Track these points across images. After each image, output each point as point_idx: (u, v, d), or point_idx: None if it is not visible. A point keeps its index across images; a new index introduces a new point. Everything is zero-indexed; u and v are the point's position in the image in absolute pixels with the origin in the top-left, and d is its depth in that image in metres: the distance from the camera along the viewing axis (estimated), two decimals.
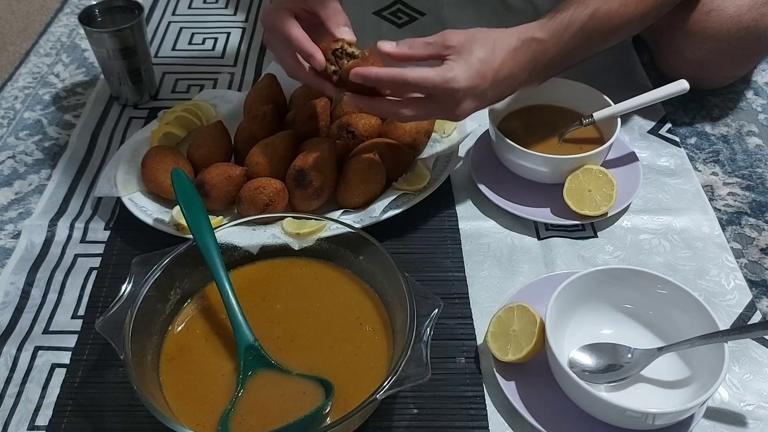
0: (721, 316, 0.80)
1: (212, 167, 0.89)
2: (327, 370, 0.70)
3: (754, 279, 0.85)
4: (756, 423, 0.71)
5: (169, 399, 0.68)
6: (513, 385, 0.72)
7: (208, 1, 1.37)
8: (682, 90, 0.92)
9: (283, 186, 0.87)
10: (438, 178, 0.91)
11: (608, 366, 0.72)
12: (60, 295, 0.84)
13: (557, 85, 1.00)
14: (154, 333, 0.72)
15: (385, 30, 1.27)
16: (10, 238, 0.91)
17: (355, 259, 0.78)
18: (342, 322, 0.74)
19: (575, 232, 0.90)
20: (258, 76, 1.17)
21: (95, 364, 0.77)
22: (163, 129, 0.97)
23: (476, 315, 0.81)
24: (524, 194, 0.92)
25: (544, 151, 0.89)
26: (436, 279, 0.84)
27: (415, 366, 0.64)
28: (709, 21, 0.97)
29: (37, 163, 1.03)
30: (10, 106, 1.13)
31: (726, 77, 1.09)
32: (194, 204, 0.75)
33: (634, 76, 1.15)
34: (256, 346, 0.70)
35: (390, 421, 0.71)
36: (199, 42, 1.25)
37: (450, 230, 0.90)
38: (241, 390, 0.68)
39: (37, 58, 1.24)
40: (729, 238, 0.90)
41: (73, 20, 1.33)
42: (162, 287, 0.73)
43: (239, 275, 0.79)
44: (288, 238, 0.81)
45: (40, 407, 0.74)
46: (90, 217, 0.93)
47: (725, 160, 1.01)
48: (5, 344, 0.79)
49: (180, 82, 1.16)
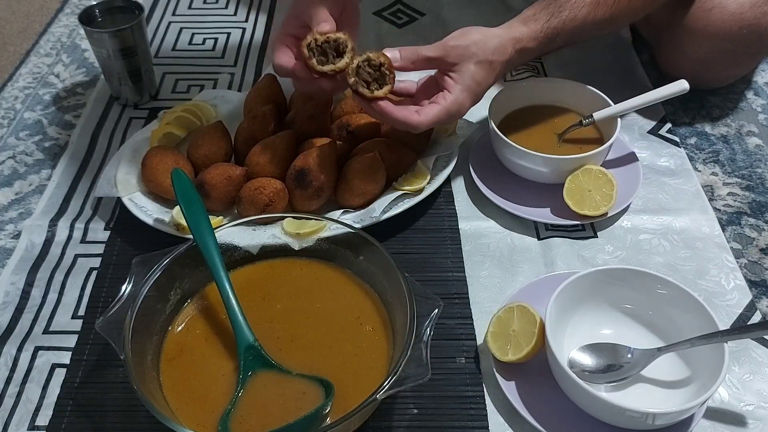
0: (721, 316, 0.80)
1: (212, 167, 0.89)
2: (327, 370, 0.70)
3: (754, 279, 0.85)
4: (756, 423, 0.71)
5: (169, 399, 0.68)
6: (513, 385, 0.72)
7: (208, 1, 1.37)
8: (682, 90, 0.92)
9: (283, 186, 0.87)
10: (438, 178, 0.91)
11: (608, 366, 0.72)
12: (60, 295, 0.84)
13: (557, 85, 1.00)
14: (154, 333, 0.72)
15: (385, 30, 1.27)
16: (10, 238, 0.92)
17: (355, 259, 0.78)
18: (342, 322, 0.75)
19: (575, 232, 0.90)
20: (258, 76, 1.17)
21: (95, 364, 0.77)
22: (163, 129, 0.97)
23: (476, 315, 0.81)
24: (524, 194, 0.92)
25: (544, 151, 0.89)
26: (436, 279, 0.84)
27: (415, 366, 0.64)
28: (710, 18, 0.97)
29: (38, 163, 1.03)
30: (10, 107, 1.13)
31: (727, 76, 1.09)
32: (194, 204, 0.75)
33: (634, 76, 1.15)
34: (256, 346, 0.70)
35: (390, 421, 0.71)
36: (199, 42, 1.25)
37: (450, 230, 0.90)
38: (241, 390, 0.68)
39: (37, 59, 1.24)
40: (729, 238, 0.90)
41: (73, 20, 1.33)
42: (162, 287, 0.73)
43: (239, 275, 0.79)
44: (288, 238, 0.81)
45: (40, 407, 0.74)
46: (90, 218, 0.93)
47: (725, 160, 1.01)
48: (5, 344, 0.79)
49: (180, 83, 1.16)
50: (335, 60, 0.83)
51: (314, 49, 0.83)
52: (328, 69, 0.82)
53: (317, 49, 0.83)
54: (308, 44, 0.83)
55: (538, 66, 1.16)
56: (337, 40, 0.83)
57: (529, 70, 1.15)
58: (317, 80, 0.85)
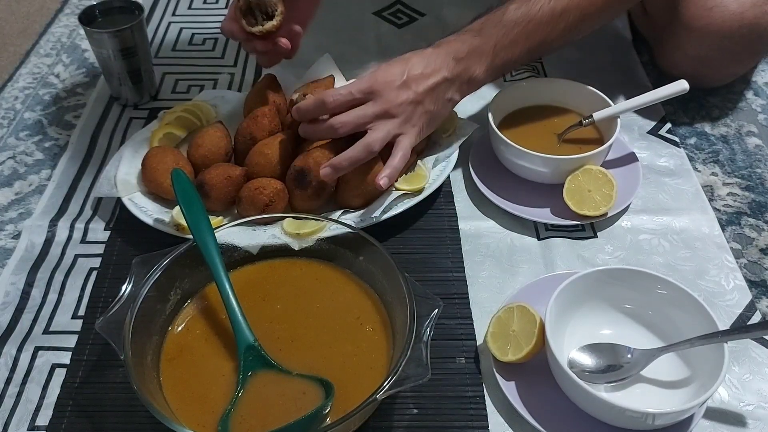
0: (721, 317, 0.80)
1: (212, 167, 0.89)
2: (327, 370, 0.69)
3: (754, 279, 0.85)
4: (756, 423, 0.71)
5: (169, 399, 0.68)
6: (513, 385, 0.72)
7: (208, 1, 1.37)
8: (682, 90, 0.92)
9: (283, 186, 0.87)
10: (438, 178, 0.91)
11: (608, 366, 0.72)
12: (60, 295, 0.84)
13: (557, 85, 1.00)
14: (154, 333, 0.72)
15: (385, 30, 1.27)
16: (10, 238, 0.92)
17: (355, 259, 0.78)
18: (342, 322, 0.75)
19: (575, 233, 0.90)
20: (258, 76, 1.17)
21: (95, 365, 0.77)
22: (163, 129, 0.97)
23: (476, 315, 0.81)
24: (524, 194, 0.92)
25: (544, 151, 0.89)
26: (436, 279, 0.84)
27: (415, 366, 0.64)
28: (711, 17, 0.97)
29: (38, 163, 1.03)
30: (10, 107, 1.13)
31: (727, 74, 1.09)
32: (194, 204, 0.75)
33: (634, 76, 1.15)
34: (256, 347, 0.70)
35: (390, 421, 0.71)
36: (199, 42, 1.25)
37: (450, 230, 0.90)
38: (241, 390, 0.68)
39: (37, 59, 1.24)
40: (729, 239, 0.90)
41: (73, 21, 1.33)
42: (162, 287, 0.73)
43: (239, 275, 0.79)
44: (288, 238, 0.81)
45: (40, 407, 0.74)
46: (90, 218, 0.93)
47: (725, 160, 1.01)
48: (5, 344, 0.79)
49: (180, 83, 1.16)
50: (263, 22, 0.90)
51: (245, 12, 0.90)
52: (256, 30, 0.90)
53: (249, 12, 0.90)
54: (239, 7, 0.90)
55: (538, 66, 1.16)
56: (267, 3, 0.90)
57: (529, 70, 1.15)
58: (252, 42, 0.93)
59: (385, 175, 0.84)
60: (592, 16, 0.89)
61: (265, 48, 0.94)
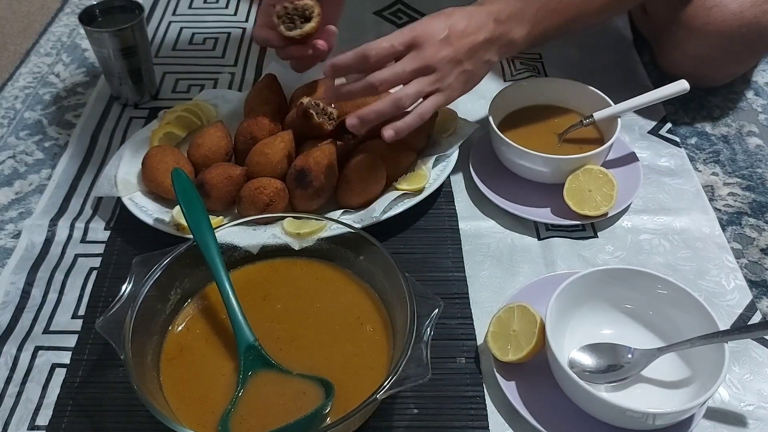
0: (721, 317, 0.80)
1: (212, 167, 0.89)
2: (327, 370, 0.69)
3: (754, 279, 0.85)
4: (756, 423, 0.71)
5: (169, 399, 0.68)
6: (513, 385, 0.72)
7: (208, 1, 1.37)
8: (683, 90, 0.92)
9: (283, 186, 0.87)
10: (438, 178, 0.91)
11: (608, 366, 0.72)
12: (60, 295, 0.84)
13: (558, 85, 1.00)
14: (155, 333, 0.72)
15: (385, 30, 1.26)
16: (10, 238, 0.92)
17: (356, 259, 0.78)
18: (342, 322, 0.74)
19: (575, 232, 0.90)
20: (258, 76, 1.17)
21: (95, 364, 0.77)
22: (164, 129, 0.97)
23: (476, 315, 0.81)
24: (524, 194, 0.92)
25: (544, 151, 0.89)
26: (436, 279, 0.84)
27: (415, 366, 0.64)
28: (711, 17, 0.97)
29: (38, 163, 1.03)
30: (10, 106, 1.13)
31: (727, 74, 1.09)
32: (194, 204, 0.75)
33: (634, 76, 1.15)
34: (256, 346, 0.70)
35: (390, 421, 0.71)
36: (200, 42, 1.25)
37: (450, 230, 0.90)
38: (242, 390, 0.68)
39: (37, 58, 1.24)
40: (729, 239, 0.90)
41: (74, 20, 1.33)
42: (162, 287, 0.73)
43: (239, 275, 0.79)
44: (288, 238, 0.81)
45: (40, 407, 0.74)
46: (90, 217, 0.93)
47: (725, 160, 1.01)
48: (5, 344, 0.79)
49: (180, 82, 1.16)
50: (301, 25, 0.90)
51: (283, 17, 0.90)
52: (295, 34, 0.90)
53: (286, 17, 0.90)
54: (278, 13, 0.90)
55: (538, 66, 1.16)
56: (304, 6, 0.89)
57: (529, 70, 1.15)
58: (289, 48, 0.92)
59: (392, 127, 0.81)
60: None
61: (302, 52, 0.92)
